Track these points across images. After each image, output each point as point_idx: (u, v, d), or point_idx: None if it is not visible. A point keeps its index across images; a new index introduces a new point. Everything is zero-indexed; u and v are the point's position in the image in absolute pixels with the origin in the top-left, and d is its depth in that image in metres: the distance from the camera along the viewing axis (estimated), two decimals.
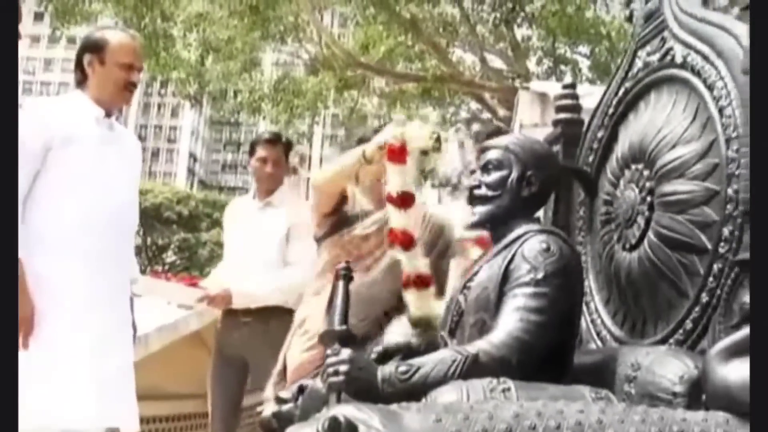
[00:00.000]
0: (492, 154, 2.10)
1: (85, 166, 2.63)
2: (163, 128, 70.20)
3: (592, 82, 12.93)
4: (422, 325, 2.38)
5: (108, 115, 2.78)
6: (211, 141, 76.50)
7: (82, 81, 2.78)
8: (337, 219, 2.94)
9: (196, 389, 4.17)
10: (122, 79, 2.76)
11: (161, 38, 13.07)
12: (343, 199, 2.96)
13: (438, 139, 2.33)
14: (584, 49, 14.71)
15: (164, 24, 13.24)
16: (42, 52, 59.20)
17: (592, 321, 2.31)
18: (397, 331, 2.51)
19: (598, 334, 2.29)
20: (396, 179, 2.21)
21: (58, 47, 57.04)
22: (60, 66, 63.27)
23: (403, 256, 2.29)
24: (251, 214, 3.77)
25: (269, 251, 3.60)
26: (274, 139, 3.85)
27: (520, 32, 14.33)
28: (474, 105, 15.09)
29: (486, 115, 14.41)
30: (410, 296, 2.30)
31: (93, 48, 2.77)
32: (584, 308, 2.31)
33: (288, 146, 3.89)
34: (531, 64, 14.34)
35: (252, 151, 3.84)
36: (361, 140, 3.01)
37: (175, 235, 32.42)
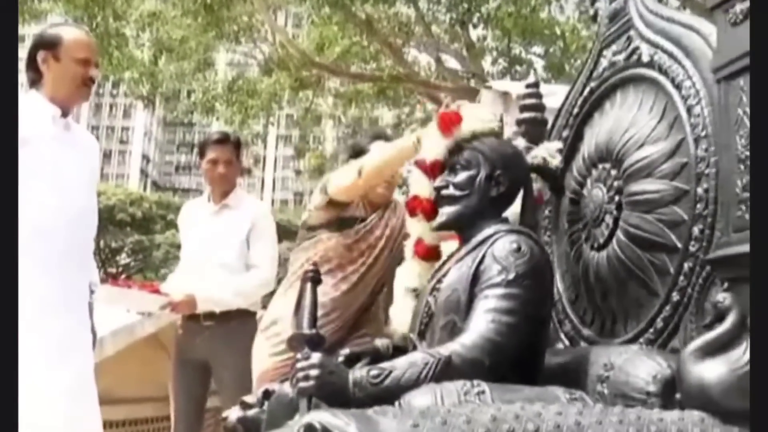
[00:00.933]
0: (459, 154, 2.08)
1: (40, 168, 2.55)
2: (116, 129, 69.20)
3: (546, 81, 13.03)
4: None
5: (65, 114, 2.69)
6: (164, 142, 75.64)
7: (36, 80, 2.69)
8: (342, 215, 2.86)
9: (155, 392, 4.10)
10: (80, 74, 2.67)
11: (113, 37, 12.84)
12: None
13: (500, 120, 2.22)
14: (538, 49, 14.84)
15: (116, 23, 13.02)
16: None
17: (560, 321, 2.31)
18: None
19: (566, 334, 2.29)
20: (436, 147, 2.12)
21: None
22: None
23: (421, 226, 2.21)
24: (208, 217, 3.69)
25: (230, 254, 3.54)
26: (224, 139, 3.75)
27: (476, 33, 14.39)
28: (430, 105, 15.12)
29: None
30: (418, 267, 2.24)
31: (47, 45, 2.68)
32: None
33: (238, 145, 3.81)
34: (486, 64, 14.42)
35: (202, 153, 3.74)
36: (357, 151, 2.94)
37: (128, 238, 32.02)
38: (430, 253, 2.22)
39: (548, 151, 2.22)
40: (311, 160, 18.19)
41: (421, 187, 2.18)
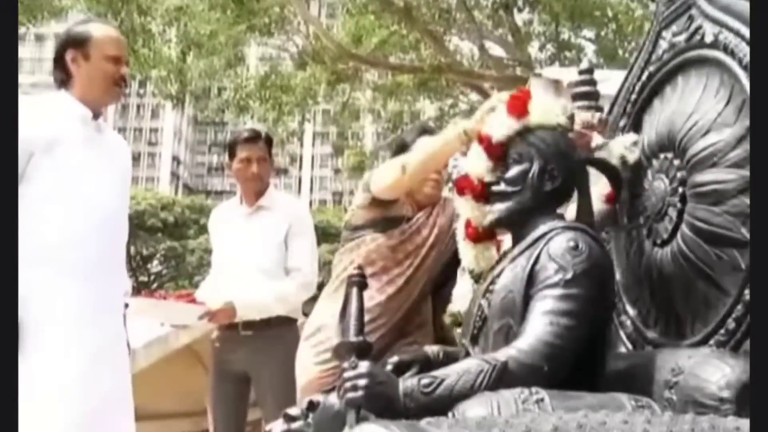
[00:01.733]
0: (511, 147, 2.07)
1: (71, 171, 2.59)
2: (144, 131, 70.13)
3: (598, 67, 12.92)
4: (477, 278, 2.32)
5: (95, 116, 2.73)
6: (195, 143, 76.49)
7: (64, 81, 2.71)
8: (386, 215, 2.85)
9: (192, 406, 4.15)
10: (111, 73, 2.69)
11: (139, 34, 13.02)
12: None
13: (571, 117, 2.20)
14: (589, 32, 14.72)
15: (141, 19, 13.19)
16: None
17: (621, 323, 2.29)
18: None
19: (628, 336, 2.27)
20: (501, 128, 2.11)
21: (26, 46, 57.11)
22: (29, 66, 63.27)
23: (469, 206, 2.20)
24: (241, 220, 3.70)
25: (268, 258, 3.56)
26: (254, 137, 3.74)
27: (521, 17, 14.32)
28: (474, 96, 15.07)
29: None
30: (473, 249, 2.24)
31: (75, 43, 2.69)
32: None
33: (270, 142, 3.82)
34: (533, 51, 14.35)
35: (232, 153, 3.74)
36: (401, 147, 2.94)
37: (160, 244, 32.36)
38: (481, 236, 2.21)
39: (624, 146, 2.21)
40: (350, 157, 18.24)
41: (476, 165, 2.17)
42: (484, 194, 2.11)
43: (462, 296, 2.64)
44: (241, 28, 12.79)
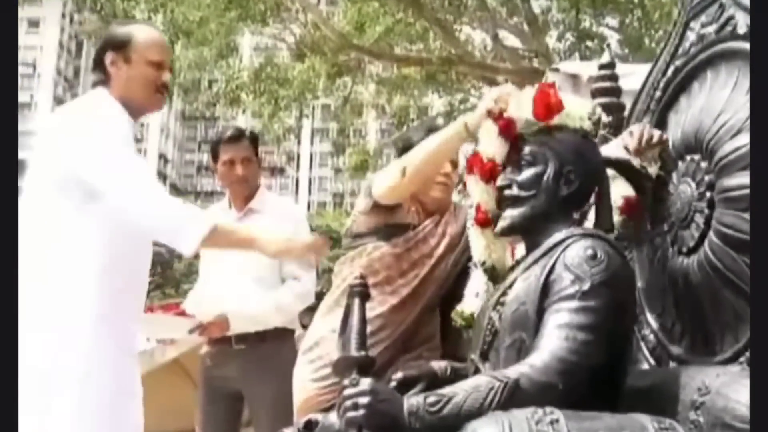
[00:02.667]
0: (524, 149, 2.09)
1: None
2: None
3: (622, 59, 12.91)
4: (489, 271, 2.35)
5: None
6: (183, 140, 76.64)
7: (103, 82, 2.70)
8: (390, 221, 2.88)
9: (179, 425, 4.16)
10: (152, 79, 2.69)
11: (122, 20, 13.03)
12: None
13: (598, 122, 2.21)
14: (612, 20, 14.70)
15: (124, 4, 13.20)
16: None
17: (643, 337, 2.31)
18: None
19: (651, 352, 2.28)
20: (520, 110, 2.14)
21: None
22: None
23: (480, 189, 2.23)
24: None
25: (261, 266, 3.56)
26: (237, 136, 3.76)
27: (538, 4, 14.33)
28: (487, 90, 15.09)
29: None
30: (484, 239, 2.27)
31: (116, 45, 2.69)
32: None
33: (255, 141, 3.84)
34: (551, 41, 14.33)
35: (215, 155, 3.77)
36: (407, 147, 2.95)
37: None
38: (490, 222, 2.24)
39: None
40: (352, 156, 18.21)
41: (488, 147, 2.19)
42: (494, 174, 2.13)
43: (474, 294, 2.65)
44: (233, 16, 12.82)
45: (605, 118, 2.30)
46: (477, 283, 2.38)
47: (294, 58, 14.79)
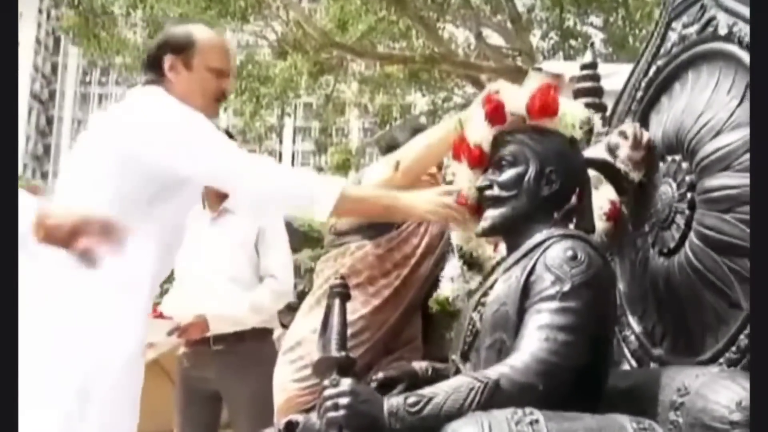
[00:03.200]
0: (505, 149, 2.11)
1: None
2: None
3: (606, 58, 12.98)
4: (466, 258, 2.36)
5: None
6: None
7: (156, 83, 2.58)
8: (374, 220, 2.87)
9: (157, 427, 4.14)
10: (213, 87, 2.59)
11: (100, 16, 13.00)
12: None
13: (590, 131, 2.21)
14: (596, 19, 14.78)
15: None
16: None
17: (624, 338, 2.33)
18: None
19: (632, 353, 2.30)
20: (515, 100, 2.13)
21: None
22: None
23: (464, 174, 2.23)
24: (205, 226, 3.67)
25: (237, 266, 3.57)
26: None
27: (522, 2, 14.38)
28: (470, 89, 15.12)
29: None
30: (463, 232, 2.28)
31: (177, 47, 2.57)
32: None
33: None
34: (535, 39, 14.39)
35: None
36: (391, 146, 2.96)
37: None
38: (472, 209, 2.26)
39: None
40: (334, 155, 18.22)
41: (477, 130, 2.19)
42: (481, 161, 2.15)
43: (449, 279, 2.66)
44: (212, 13, 12.80)
45: (600, 128, 2.30)
46: (452, 269, 2.39)
47: (276, 55, 14.79)
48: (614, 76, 3.09)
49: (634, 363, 2.29)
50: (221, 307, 3.50)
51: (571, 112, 2.15)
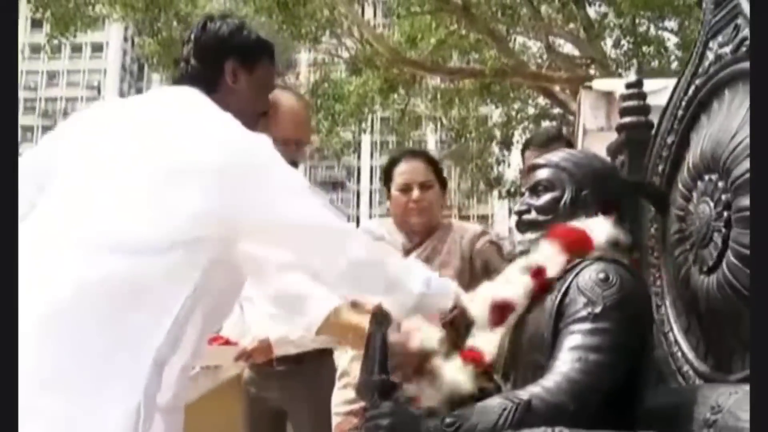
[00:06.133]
0: (542, 174, 2.17)
1: None
2: None
3: (682, 62, 12.76)
4: None
5: None
6: None
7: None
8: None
9: None
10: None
11: (178, 45, 13.26)
12: None
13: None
14: (672, 23, 14.54)
15: (181, 27, 13.49)
16: (44, 65, 60.47)
17: (672, 354, 2.34)
18: None
19: (679, 369, 2.31)
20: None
21: (62, 59, 58.56)
22: (66, 79, 64.88)
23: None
24: None
25: (297, 287, 3.67)
26: None
27: (594, 9, 14.26)
28: (542, 100, 15.07)
29: (557, 110, 14.40)
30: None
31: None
32: (662, 340, 2.36)
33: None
34: (607, 47, 14.25)
35: None
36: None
37: None
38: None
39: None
40: None
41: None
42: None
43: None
44: (286, 36, 12.99)
45: None
46: None
47: (350, 72, 14.95)
48: (665, 92, 3.10)
49: (681, 380, 2.30)
50: (286, 330, 3.59)
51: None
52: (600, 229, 2.10)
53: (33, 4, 13.38)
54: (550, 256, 2.07)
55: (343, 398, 2.92)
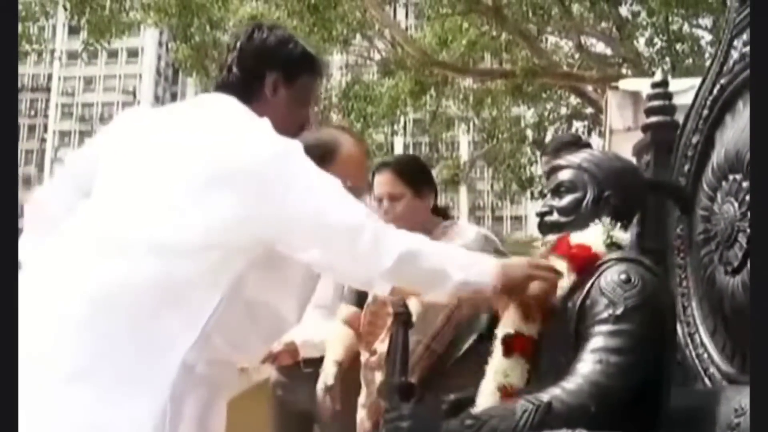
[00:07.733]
0: (563, 175, 2.16)
1: None
2: None
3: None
4: None
5: None
6: None
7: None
8: None
9: None
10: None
11: (211, 49, 13.41)
12: None
13: None
14: (706, 20, 14.39)
15: (213, 32, 13.59)
16: (81, 71, 61.12)
17: (698, 356, 2.32)
18: None
19: (705, 371, 2.30)
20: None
21: (98, 64, 59.21)
22: (102, 84, 65.55)
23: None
24: None
25: (326, 293, 3.68)
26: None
27: (626, 8, 14.15)
28: (574, 99, 14.98)
29: (589, 110, 14.31)
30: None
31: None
32: (689, 341, 2.34)
33: None
34: (640, 45, 14.12)
35: None
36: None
37: None
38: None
39: None
40: (443, 170, 18.26)
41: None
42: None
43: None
44: (317, 38, 13.02)
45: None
46: None
47: (382, 74, 14.96)
48: (692, 91, 3.07)
49: (707, 381, 2.28)
50: (311, 333, 3.60)
51: None
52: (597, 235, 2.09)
53: (70, 12, 13.56)
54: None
55: (365, 398, 2.92)
